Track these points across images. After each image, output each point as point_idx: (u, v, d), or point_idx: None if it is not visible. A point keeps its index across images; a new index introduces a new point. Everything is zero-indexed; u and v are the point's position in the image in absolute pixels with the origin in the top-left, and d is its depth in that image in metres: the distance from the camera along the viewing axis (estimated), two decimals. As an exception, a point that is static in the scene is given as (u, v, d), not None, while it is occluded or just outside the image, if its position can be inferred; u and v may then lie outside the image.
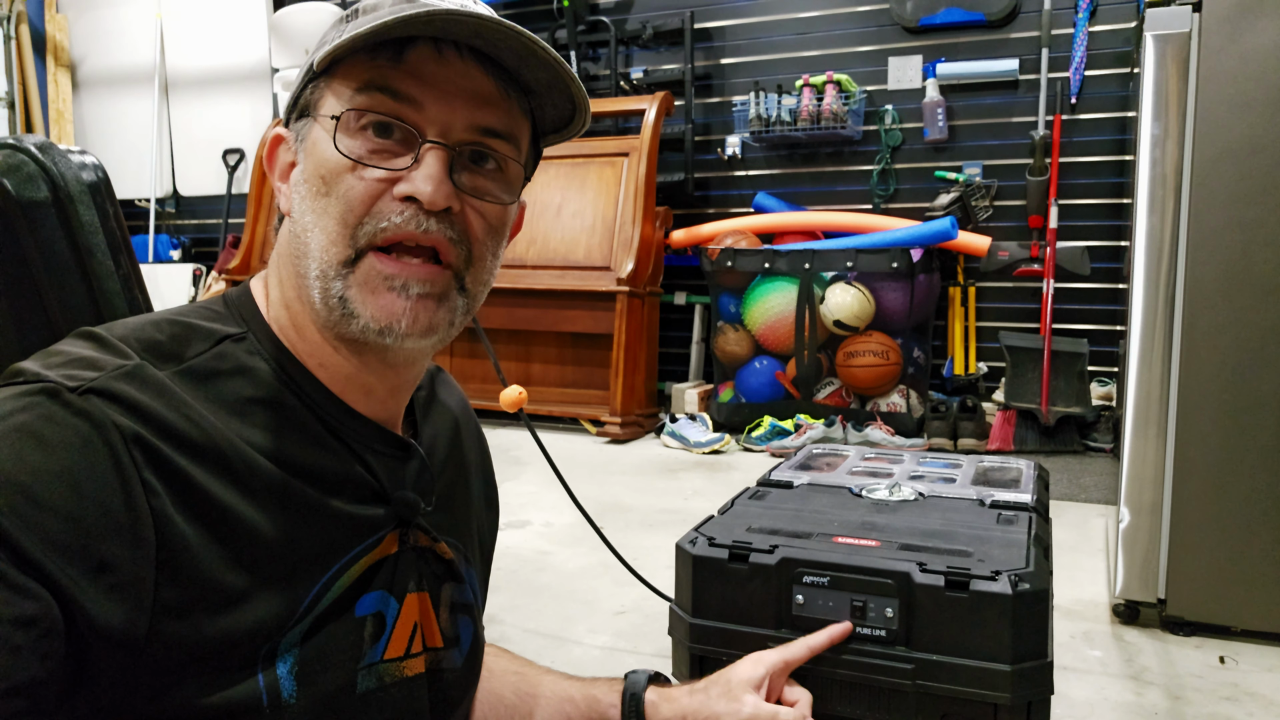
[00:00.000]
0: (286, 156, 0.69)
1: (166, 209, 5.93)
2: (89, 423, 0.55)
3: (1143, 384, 1.96)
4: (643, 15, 4.70)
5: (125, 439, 0.55)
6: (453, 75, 0.64)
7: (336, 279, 0.64)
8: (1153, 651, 1.84)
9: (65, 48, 6.00)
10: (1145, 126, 1.91)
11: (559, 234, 4.29)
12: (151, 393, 0.58)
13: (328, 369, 0.68)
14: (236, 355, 0.65)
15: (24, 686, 0.49)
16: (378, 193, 0.63)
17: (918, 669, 0.91)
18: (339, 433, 0.68)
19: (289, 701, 0.61)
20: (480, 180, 0.67)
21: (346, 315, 0.64)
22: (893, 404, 3.89)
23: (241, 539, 0.59)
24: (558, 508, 2.81)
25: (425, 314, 0.65)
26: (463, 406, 0.89)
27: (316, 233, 0.64)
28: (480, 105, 0.65)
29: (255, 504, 0.61)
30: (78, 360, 0.59)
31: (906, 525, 1.09)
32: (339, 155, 0.63)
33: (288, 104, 0.70)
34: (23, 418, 0.54)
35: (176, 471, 0.57)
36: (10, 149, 0.99)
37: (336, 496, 0.66)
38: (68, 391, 0.55)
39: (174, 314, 0.67)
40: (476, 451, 0.89)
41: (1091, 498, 3.00)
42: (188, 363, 0.62)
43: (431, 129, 0.64)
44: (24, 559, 0.50)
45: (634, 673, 0.92)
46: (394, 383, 0.71)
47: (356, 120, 0.64)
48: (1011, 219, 4.11)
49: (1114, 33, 3.91)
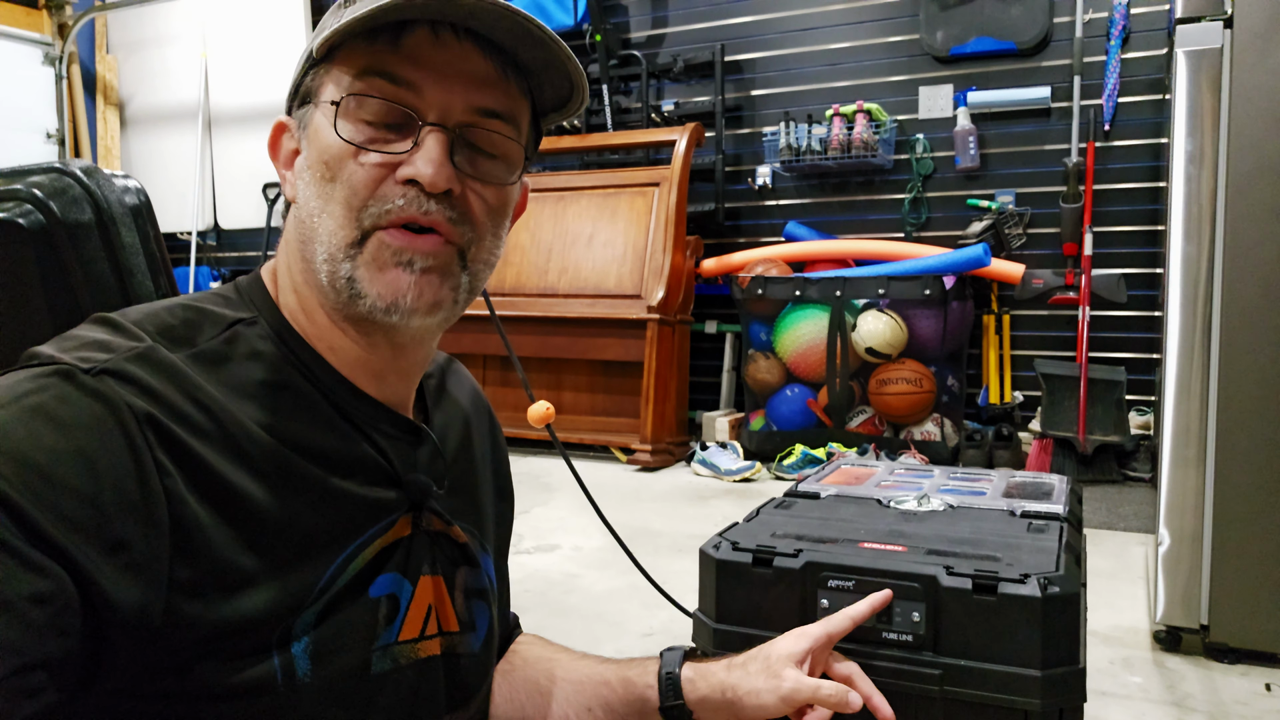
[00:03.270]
0: (290, 144, 0.70)
1: (207, 242, 6.06)
2: (102, 403, 0.56)
3: (1181, 410, 1.93)
4: (674, 49, 4.76)
5: (138, 419, 0.56)
6: (450, 58, 0.65)
7: (345, 260, 0.65)
8: (1196, 678, 1.79)
9: (114, 87, 6.18)
10: (1179, 144, 1.89)
11: (590, 263, 4.32)
12: (164, 375, 0.59)
13: (337, 353, 0.68)
14: (248, 339, 0.66)
15: (43, 662, 0.49)
16: (380, 177, 0.64)
17: (945, 674, 0.90)
18: (350, 415, 0.68)
19: (304, 681, 0.61)
20: (480, 161, 0.67)
21: (354, 295, 0.65)
22: (927, 432, 3.84)
23: (252, 521, 0.60)
24: (586, 532, 2.80)
25: (430, 289, 0.65)
26: (474, 395, 0.89)
27: (323, 218, 0.65)
28: (478, 87, 0.66)
29: (266, 486, 0.61)
30: (92, 343, 0.60)
31: (934, 533, 1.07)
32: (340, 141, 0.64)
33: (289, 92, 0.71)
34: (38, 398, 0.55)
35: (188, 452, 0.58)
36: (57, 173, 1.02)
37: (348, 479, 0.66)
38: (82, 373, 0.56)
39: (187, 300, 0.68)
40: (489, 440, 0.89)
41: (1130, 526, 2.93)
42: (200, 346, 0.63)
43: (431, 112, 0.65)
44: (40, 536, 0.50)
45: (669, 650, 0.89)
46: (403, 365, 0.72)
47: (356, 106, 0.65)
48: (1045, 246, 4.07)
49: (1147, 59, 3.89)
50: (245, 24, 5.82)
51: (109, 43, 6.23)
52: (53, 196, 0.99)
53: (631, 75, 4.77)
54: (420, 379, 0.77)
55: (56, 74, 5.82)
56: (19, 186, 0.96)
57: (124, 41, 6.21)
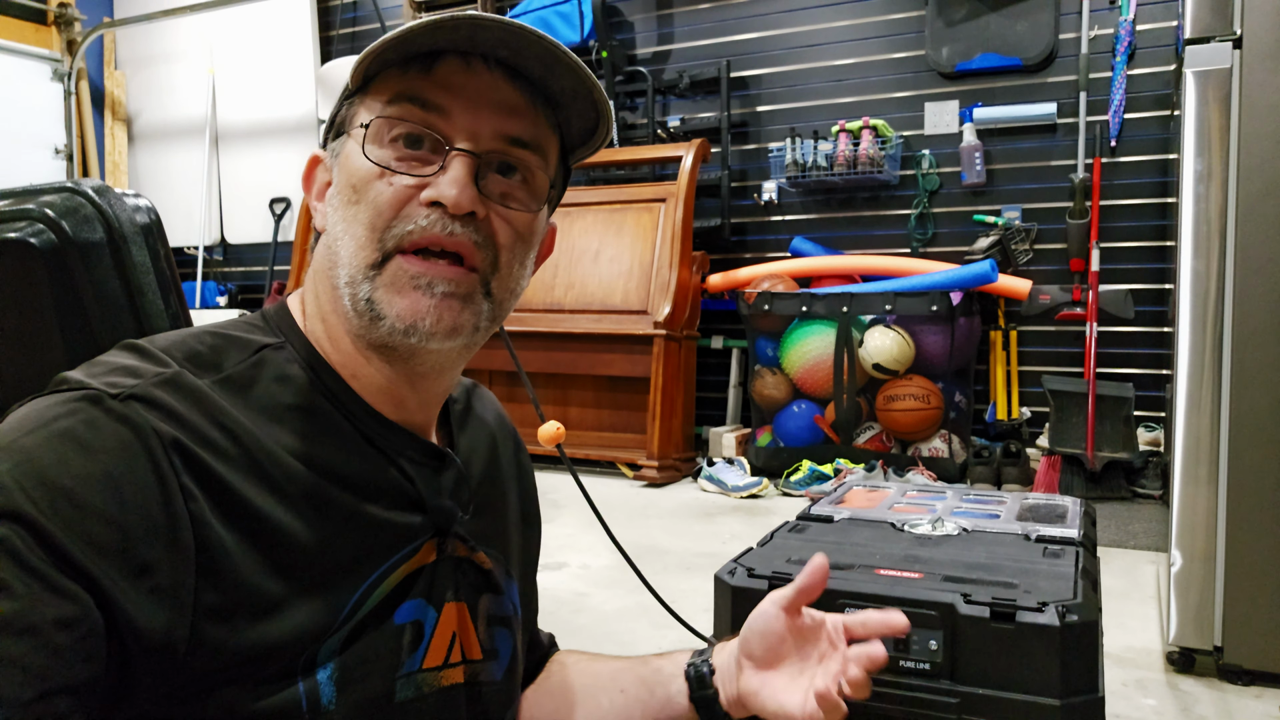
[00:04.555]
0: (323, 176, 0.71)
1: (214, 256, 6.08)
2: (129, 428, 0.56)
3: (1191, 428, 1.92)
4: (679, 65, 4.78)
5: (164, 444, 0.56)
6: (481, 86, 0.66)
7: (364, 282, 0.65)
8: (1210, 701, 1.77)
9: (122, 102, 6.22)
10: (1188, 164, 1.89)
11: (596, 278, 4.32)
12: (190, 400, 0.59)
13: (360, 380, 0.69)
14: (275, 364, 0.66)
15: (68, 687, 0.49)
16: (405, 198, 0.65)
17: (963, 703, 0.89)
18: (375, 440, 0.68)
19: (328, 708, 0.61)
20: (506, 188, 0.68)
21: (374, 318, 0.65)
22: (934, 449, 3.83)
23: (279, 545, 0.60)
24: (594, 550, 2.79)
25: (450, 314, 0.65)
26: (499, 420, 0.89)
27: (346, 239, 0.66)
28: (508, 115, 0.66)
29: (293, 511, 0.61)
30: (119, 369, 0.60)
31: (950, 558, 1.07)
32: (368, 163, 0.65)
33: (325, 126, 0.72)
34: (66, 423, 0.55)
35: (214, 477, 0.58)
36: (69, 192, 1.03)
37: (373, 503, 0.66)
38: (110, 398, 0.57)
39: (214, 327, 0.68)
40: (515, 465, 0.89)
41: (1140, 544, 2.92)
42: (226, 371, 0.63)
43: (459, 137, 0.65)
44: (66, 560, 0.51)
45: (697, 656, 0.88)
46: (424, 394, 0.72)
47: (387, 130, 0.65)
48: (1052, 262, 4.07)
49: (1153, 75, 3.89)
50: (252, 40, 5.85)
51: (117, 58, 6.27)
52: (64, 216, 1.00)
53: (637, 91, 4.78)
54: (443, 405, 0.77)
55: (65, 90, 5.85)
56: (31, 206, 0.96)
57: (132, 57, 6.25)
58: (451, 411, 0.80)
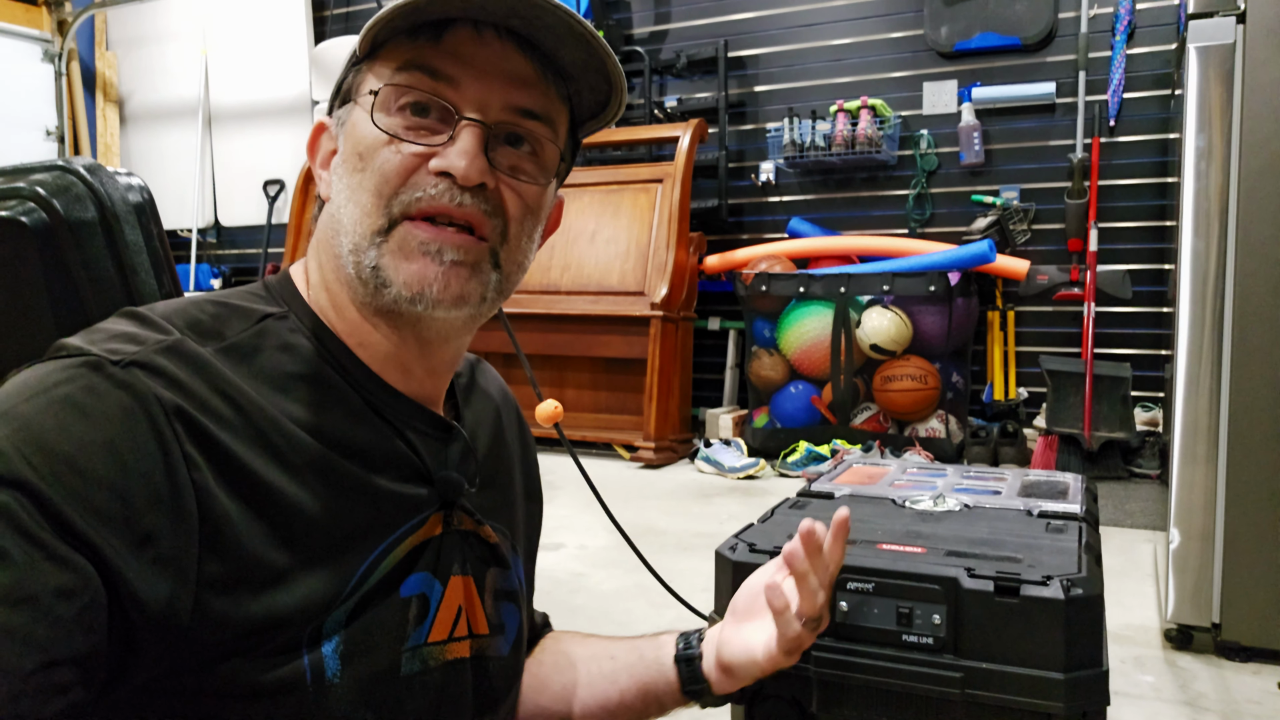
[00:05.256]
0: (328, 144, 0.70)
1: (208, 239, 6.05)
2: (131, 395, 0.55)
3: (1190, 407, 1.91)
4: (676, 45, 4.74)
5: (166, 411, 0.55)
6: (491, 56, 0.64)
7: (370, 249, 0.64)
8: (1208, 677, 1.78)
9: (114, 84, 6.16)
10: (1189, 141, 1.88)
11: (593, 259, 4.30)
12: (192, 368, 0.58)
13: (366, 348, 0.67)
14: (278, 332, 0.65)
15: (70, 658, 0.48)
16: (413, 166, 0.64)
17: (966, 677, 0.88)
18: (380, 410, 0.67)
19: (333, 681, 0.60)
20: (515, 159, 0.67)
21: (380, 285, 0.64)
22: (931, 429, 3.83)
23: (284, 516, 0.59)
24: (592, 530, 2.79)
25: (457, 281, 0.64)
26: (504, 395, 0.88)
27: (351, 206, 0.64)
28: (518, 86, 0.65)
29: (297, 480, 0.60)
30: (120, 335, 0.59)
31: (952, 533, 1.06)
32: (376, 131, 0.64)
33: (332, 92, 0.71)
34: (66, 389, 0.54)
35: (218, 446, 0.57)
36: (60, 170, 1.01)
37: (380, 474, 0.65)
38: (111, 364, 0.55)
39: (215, 296, 0.67)
40: (519, 442, 0.88)
41: (1137, 523, 2.92)
42: (229, 340, 0.62)
43: (468, 107, 0.64)
44: (68, 529, 0.50)
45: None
46: (431, 362, 0.71)
47: (395, 98, 0.64)
48: (1050, 242, 4.06)
49: (1153, 55, 3.87)
50: (245, 21, 5.80)
51: (108, 39, 6.20)
52: (56, 194, 0.98)
53: (634, 71, 4.75)
54: (451, 378, 0.76)
55: (56, 71, 5.80)
56: (22, 184, 0.95)
57: (123, 38, 6.19)
58: (457, 385, 0.79)
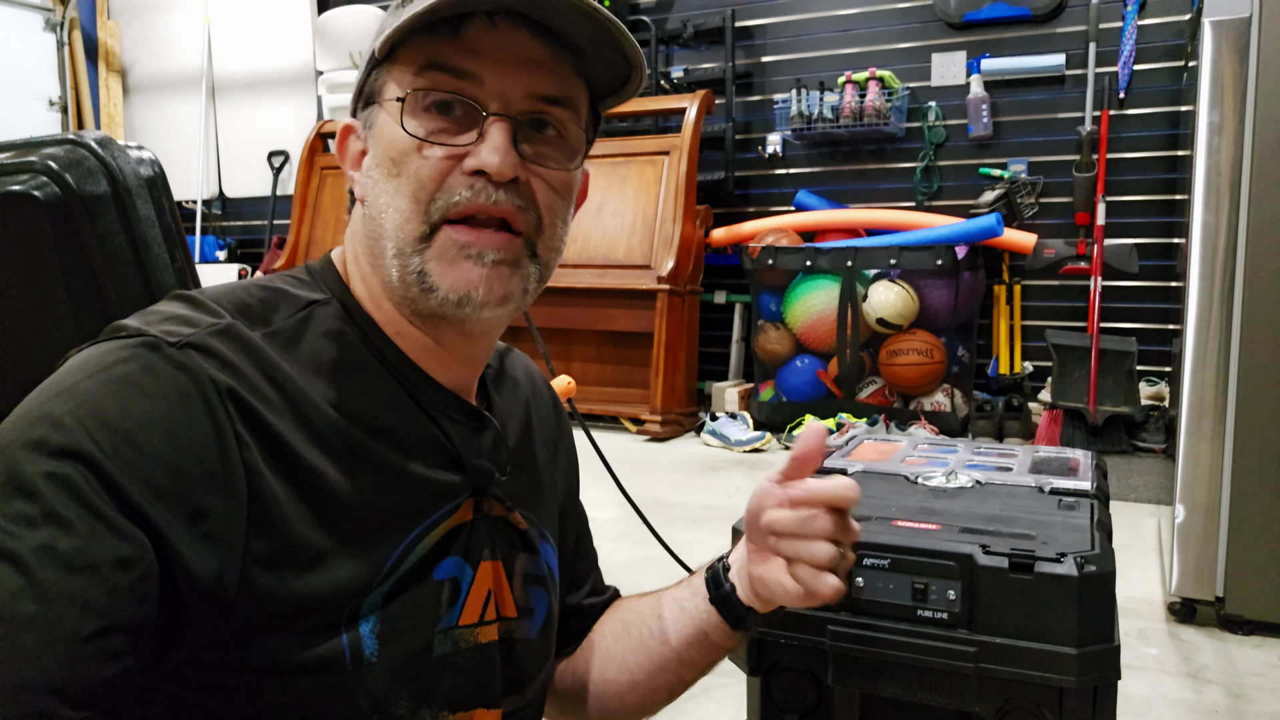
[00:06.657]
0: (357, 145, 0.71)
1: (213, 210, 6.03)
2: (187, 375, 0.57)
3: (1198, 381, 1.92)
4: (683, 14, 4.70)
5: (220, 393, 0.57)
6: (507, 45, 0.65)
7: (414, 255, 0.65)
8: (1211, 650, 1.80)
9: (116, 53, 6.12)
10: (1203, 115, 1.87)
11: (600, 233, 4.30)
12: (243, 351, 0.60)
13: (404, 337, 0.69)
14: (322, 319, 0.67)
15: (124, 626, 0.50)
16: (446, 169, 0.65)
17: (980, 652, 0.90)
18: (417, 398, 0.69)
19: (370, 660, 0.62)
20: (543, 148, 0.68)
21: (425, 290, 0.65)
22: (937, 403, 3.84)
23: (325, 498, 0.61)
24: (600, 503, 2.81)
25: (500, 282, 0.66)
26: (532, 380, 0.89)
27: (391, 213, 0.66)
28: (535, 72, 0.66)
29: (338, 465, 0.62)
30: (174, 318, 0.61)
31: (966, 510, 1.07)
32: (406, 136, 0.65)
33: (354, 94, 0.72)
34: (125, 368, 0.56)
35: (266, 428, 0.59)
36: (72, 144, 1.01)
37: (416, 460, 0.67)
38: (168, 345, 0.57)
39: (263, 281, 0.69)
40: (552, 426, 0.89)
41: (1142, 497, 2.94)
42: (275, 325, 0.64)
43: (493, 102, 0.65)
44: (126, 502, 0.52)
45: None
46: (468, 353, 0.72)
47: (420, 101, 0.65)
48: (1058, 216, 4.05)
49: (1164, 26, 3.84)
50: (248, -11, 5.75)
51: (110, 8, 6.16)
52: (68, 168, 0.99)
53: (640, 41, 4.69)
54: (484, 368, 0.78)
55: (58, 40, 5.77)
56: (34, 159, 0.95)
57: (125, 7, 6.14)
58: (486, 375, 0.80)
